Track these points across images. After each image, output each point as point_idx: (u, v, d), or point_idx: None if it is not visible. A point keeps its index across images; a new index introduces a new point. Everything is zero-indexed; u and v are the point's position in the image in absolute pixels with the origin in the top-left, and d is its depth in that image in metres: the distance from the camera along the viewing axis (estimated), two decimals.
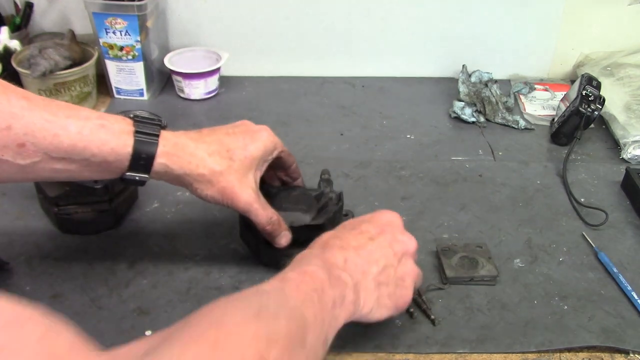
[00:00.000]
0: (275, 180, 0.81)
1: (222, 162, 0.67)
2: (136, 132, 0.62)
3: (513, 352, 0.69)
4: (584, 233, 0.86)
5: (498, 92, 1.17)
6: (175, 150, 0.65)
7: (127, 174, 0.64)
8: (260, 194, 0.71)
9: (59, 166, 0.60)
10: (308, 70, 1.27)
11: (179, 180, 0.66)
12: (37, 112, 0.57)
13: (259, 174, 0.71)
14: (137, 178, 0.64)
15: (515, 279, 0.78)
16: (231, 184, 0.67)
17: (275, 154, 0.74)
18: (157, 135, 0.64)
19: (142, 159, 0.62)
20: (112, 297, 0.74)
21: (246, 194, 0.68)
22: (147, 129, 0.63)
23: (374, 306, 0.59)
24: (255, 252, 0.78)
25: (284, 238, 0.73)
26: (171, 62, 1.18)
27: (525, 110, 1.16)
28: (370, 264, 0.60)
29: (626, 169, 0.95)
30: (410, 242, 0.64)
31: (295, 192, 0.79)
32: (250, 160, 0.69)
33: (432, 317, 0.72)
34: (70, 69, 1.07)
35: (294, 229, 0.74)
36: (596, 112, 1.02)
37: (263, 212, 0.70)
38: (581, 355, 0.69)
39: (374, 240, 0.62)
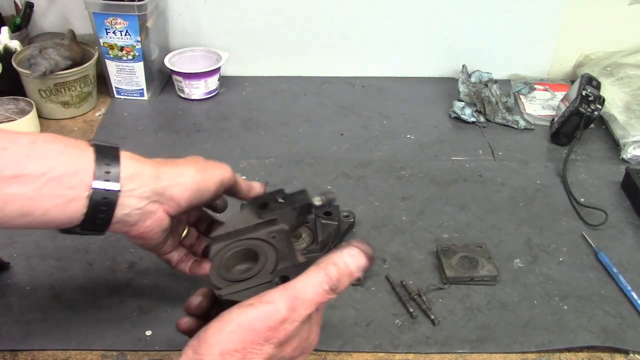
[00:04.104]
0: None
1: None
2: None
3: (513, 352, 0.69)
4: (584, 233, 0.86)
5: (498, 92, 1.17)
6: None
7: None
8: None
9: (10, 190, 0.51)
10: (308, 70, 1.27)
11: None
12: None
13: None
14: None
15: (515, 279, 0.78)
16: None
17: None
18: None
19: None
20: (112, 297, 0.74)
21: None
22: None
23: None
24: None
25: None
26: (171, 62, 1.18)
27: (525, 110, 1.16)
28: None
29: (626, 169, 0.95)
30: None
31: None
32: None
33: (432, 317, 0.72)
34: (70, 69, 1.07)
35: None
36: (596, 112, 1.02)
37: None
38: (581, 355, 0.69)
39: None
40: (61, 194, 0.52)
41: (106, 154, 0.55)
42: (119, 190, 0.55)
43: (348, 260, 0.49)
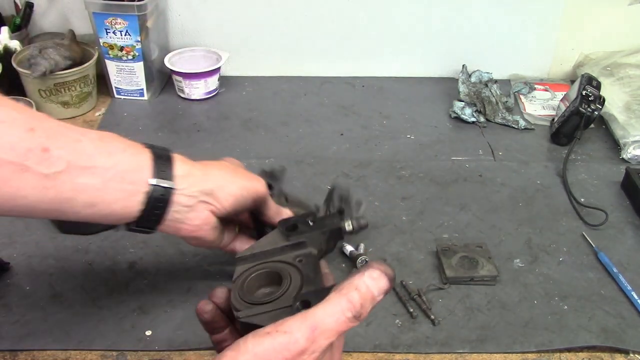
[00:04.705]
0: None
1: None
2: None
3: (513, 352, 0.69)
4: (584, 233, 0.86)
5: (498, 92, 1.17)
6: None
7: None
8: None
9: (82, 180, 0.54)
10: (308, 70, 1.27)
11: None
12: (55, 121, 0.55)
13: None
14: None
15: (515, 279, 0.78)
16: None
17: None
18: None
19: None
20: (112, 297, 0.74)
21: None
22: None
23: None
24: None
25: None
26: (171, 62, 1.18)
27: (525, 110, 1.16)
28: None
29: (626, 169, 0.95)
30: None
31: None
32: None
33: (432, 317, 0.72)
34: (70, 69, 1.07)
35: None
36: (596, 112, 1.02)
37: None
38: (581, 355, 0.69)
39: None
40: (124, 188, 0.56)
41: (161, 155, 0.59)
42: (173, 188, 0.58)
43: (370, 283, 0.46)
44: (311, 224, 0.63)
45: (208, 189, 0.61)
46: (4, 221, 0.84)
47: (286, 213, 0.68)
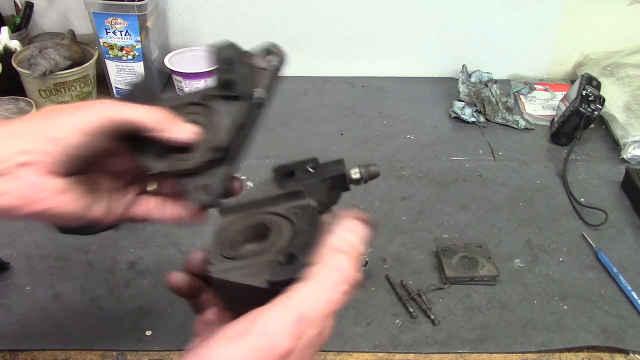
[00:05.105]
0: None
1: None
2: None
3: (513, 352, 0.69)
4: (584, 233, 0.86)
5: (498, 92, 1.17)
6: None
7: None
8: None
9: None
10: (308, 70, 1.27)
11: None
12: None
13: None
14: None
15: (515, 279, 0.78)
16: None
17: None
18: None
19: None
20: (112, 297, 0.74)
21: None
22: None
23: None
24: None
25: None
26: (171, 62, 1.18)
27: (525, 110, 1.16)
28: None
29: (626, 169, 0.95)
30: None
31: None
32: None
33: (432, 317, 0.72)
34: (70, 69, 1.07)
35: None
36: (596, 112, 1.02)
37: None
38: (581, 355, 0.69)
39: None
40: None
41: None
42: None
43: (351, 238, 0.39)
44: (312, 171, 0.52)
45: (23, 148, 0.44)
46: (4, 221, 0.85)
47: (183, 130, 0.49)
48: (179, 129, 0.48)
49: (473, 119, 1.12)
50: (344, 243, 0.38)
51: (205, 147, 0.49)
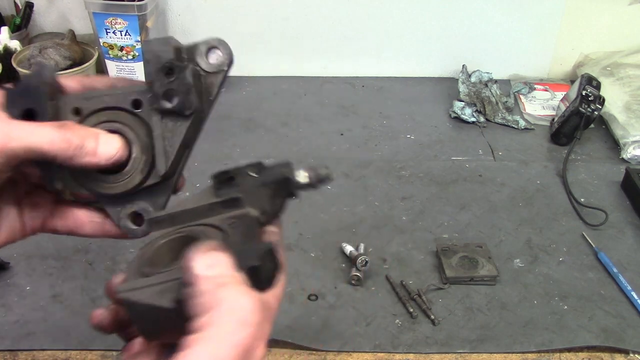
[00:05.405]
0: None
1: None
2: None
3: (513, 352, 0.69)
4: (584, 233, 0.86)
5: (498, 92, 1.17)
6: None
7: None
8: None
9: None
10: (308, 70, 1.27)
11: None
12: None
13: None
14: None
15: (515, 279, 0.78)
16: None
17: None
18: None
19: None
20: None
21: None
22: None
23: None
24: None
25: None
26: None
27: (525, 110, 1.16)
28: None
29: (626, 169, 0.95)
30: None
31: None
32: None
33: (432, 317, 0.72)
34: (70, 69, 1.07)
35: None
36: (596, 112, 1.02)
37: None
38: (581, 355, 0.69)
39: None
40: None
41: None
42: None
43: (218, 271, 0.33)
44: (255, 176, 0.44)
45: None
46: None
47: (92, 132, 0.41)
48: (98, 149, 0.40)
49: (473, 119, 1.12)
50: (220, 279, 0.32)
51: (139, 169, 0.42)
